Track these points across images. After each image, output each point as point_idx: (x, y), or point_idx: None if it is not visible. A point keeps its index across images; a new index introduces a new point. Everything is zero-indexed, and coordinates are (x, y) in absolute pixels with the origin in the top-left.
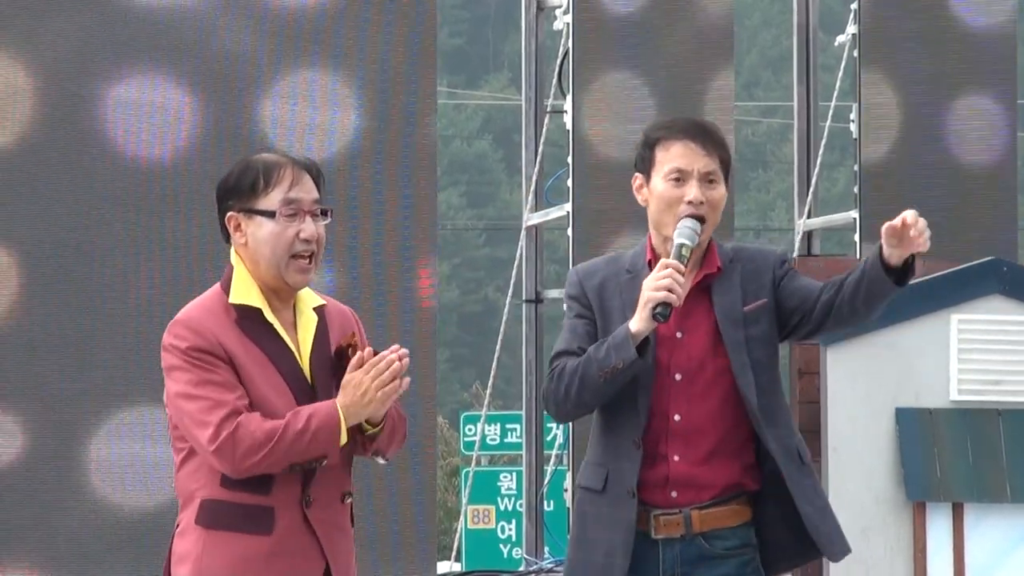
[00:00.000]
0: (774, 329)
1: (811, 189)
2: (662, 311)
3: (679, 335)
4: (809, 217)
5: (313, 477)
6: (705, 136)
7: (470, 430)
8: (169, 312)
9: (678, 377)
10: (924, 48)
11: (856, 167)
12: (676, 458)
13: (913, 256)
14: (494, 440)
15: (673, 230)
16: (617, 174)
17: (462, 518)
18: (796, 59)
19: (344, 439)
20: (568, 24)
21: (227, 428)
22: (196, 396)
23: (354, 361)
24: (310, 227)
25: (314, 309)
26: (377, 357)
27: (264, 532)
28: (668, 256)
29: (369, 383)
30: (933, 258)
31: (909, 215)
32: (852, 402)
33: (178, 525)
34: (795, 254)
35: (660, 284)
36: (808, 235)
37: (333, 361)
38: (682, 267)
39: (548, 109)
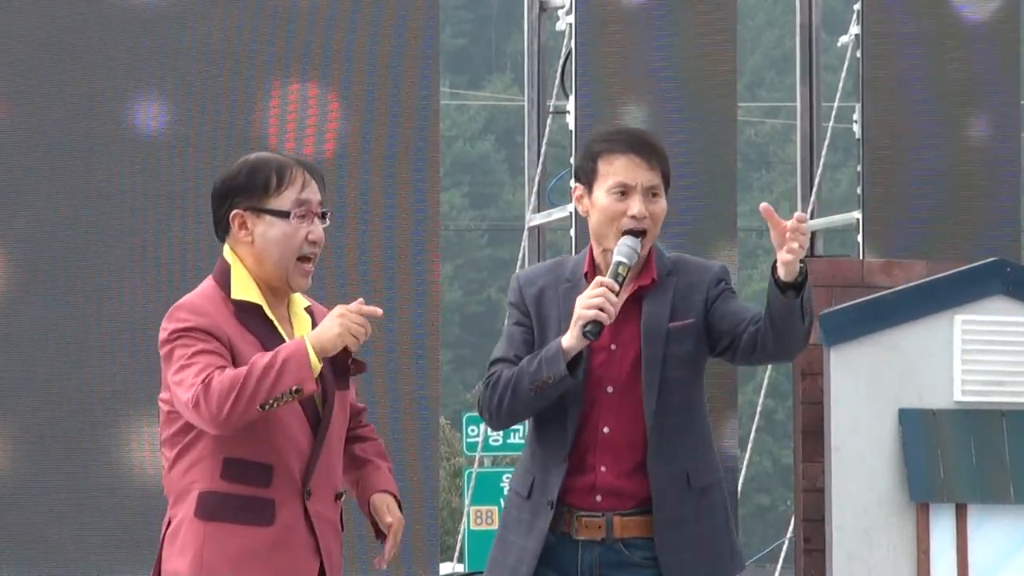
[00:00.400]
0: (702, 349)
1: (814, 190)
2: (591, 330)
3: (613, 347)
4: (812, 218)
5: (313, 470)
6: (649, 150)
7: (472, 431)
8: (165, 311)
9: (610, 390)
10: (926, 48)
11: (859, 168)
12: (603, 469)
13: (806, 272)
14: (496, 441)
15: (614, 243)
16: None
17: (465, 519)
18: (799, 59)
19: (317, 367)
20: (571, 24)
21: (203, 385)
22: (189, 364)
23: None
24: (318, 229)
25: (305, 309)
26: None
27: (265, 524)
28: (606, 270)
29: (343, 313)
30: (936, 259)
31: (800, 215)
32: (855, 403)
33: (169, 522)
34: None
35: (591, 303)
36: (811, 236)
37: (335, 364)
38: (616, 286)
39: (551, 110)
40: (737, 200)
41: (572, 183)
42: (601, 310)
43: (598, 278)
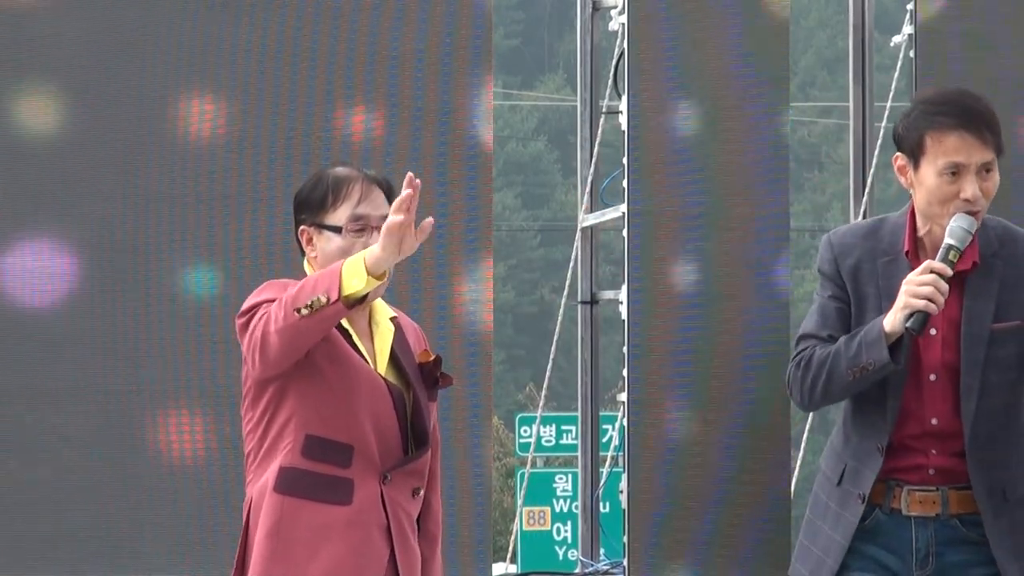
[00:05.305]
0: None
1: (866, 190)
2: (915, 325)
3: (932, 332)
4: (865, 218)
5: (401, 467)
6: (981, 124)
7: (525, 431)
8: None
9: (932, 378)
10: (980, 49)
11: None
12: (933, 452)
13: None
14: (549, 441)
15: (944, 223)
16: (672, 175)
17: (517, 519)
18: (852, 59)
19: (357, 276)
20: (623, 25)
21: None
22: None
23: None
24: None
25: (390, 319)
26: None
27: (343, 503)
28: (931, 247)
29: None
30: None
31: None
32: None
33: (251, 501)
34: None
35: (921, 292)
36: None
37: (424, 374)
38: (948, 272)
39: (604, 110)
40: (790, 200)
41: (896, 153)
42: (930, 300)
43: (928, 262)
